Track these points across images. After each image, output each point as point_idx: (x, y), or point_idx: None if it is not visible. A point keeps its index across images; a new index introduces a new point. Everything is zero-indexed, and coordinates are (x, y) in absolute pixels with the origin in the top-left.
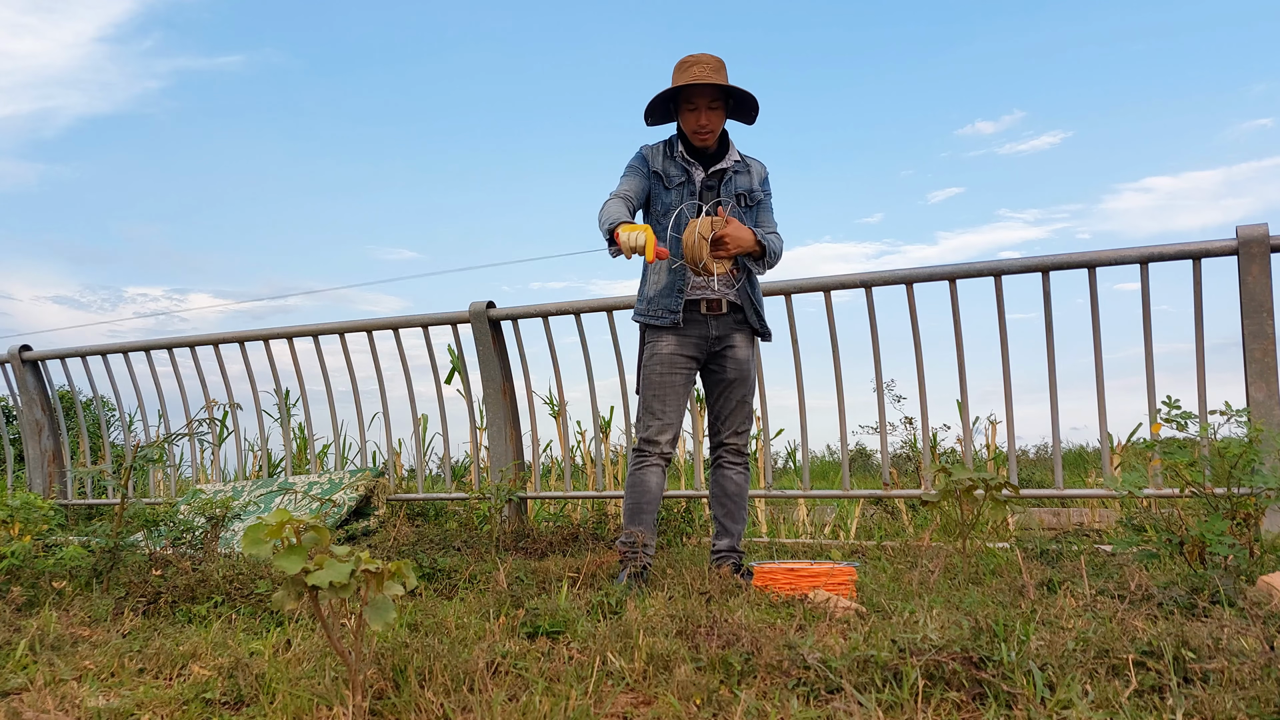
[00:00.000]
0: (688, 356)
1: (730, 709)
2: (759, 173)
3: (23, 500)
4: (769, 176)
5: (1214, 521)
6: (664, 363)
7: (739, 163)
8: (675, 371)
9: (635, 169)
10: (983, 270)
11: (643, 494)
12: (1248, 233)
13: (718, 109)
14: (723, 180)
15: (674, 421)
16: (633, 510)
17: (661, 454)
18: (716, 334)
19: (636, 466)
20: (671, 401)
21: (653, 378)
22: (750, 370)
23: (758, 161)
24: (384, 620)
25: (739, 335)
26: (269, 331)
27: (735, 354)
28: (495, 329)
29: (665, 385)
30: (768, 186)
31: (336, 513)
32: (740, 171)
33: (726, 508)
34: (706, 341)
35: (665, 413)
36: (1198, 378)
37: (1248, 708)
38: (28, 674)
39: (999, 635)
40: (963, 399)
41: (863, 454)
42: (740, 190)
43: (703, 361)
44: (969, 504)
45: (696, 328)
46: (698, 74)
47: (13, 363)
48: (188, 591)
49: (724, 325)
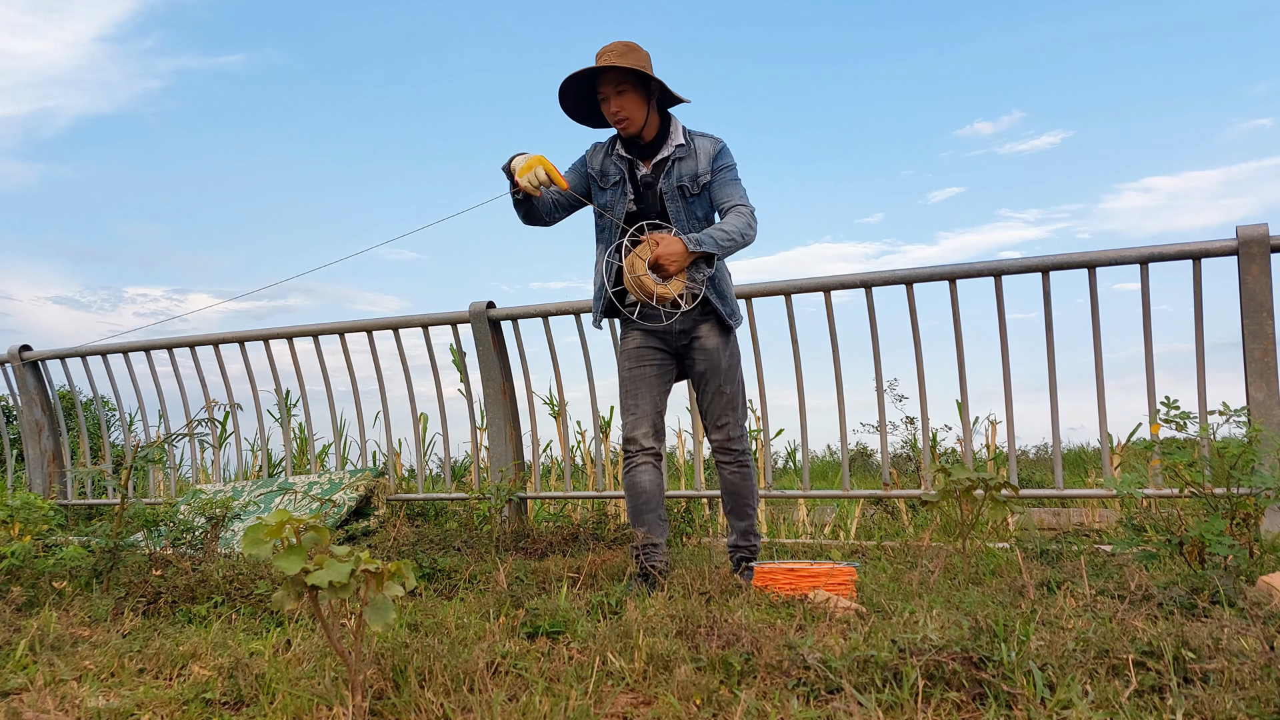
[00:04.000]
0: (653, 348)
1: (730, 709)
2: (707, 152)
3: (23, 500)
4: (726, 148)
5: (1213, 521)
6: (630, 357)
7: (681, 147)
8: (642, 364)
9: (575, 167)
10: (983, 270)
11: (637, 495)
12: (1248, 233)
13: (626, 92)
14: (663, 172)
15: (646, 414)
16: (632, 513)
17: (643, 449)
18: (680, 327)
19: (626, 469)
20: (643, 395)
21: (622, 374)
22: (720, 359)
23: (708, 138)
24: (384, 620)
25: (704, 326)
26: (269, 331)
27: (702, 344)
28: (495, 329)
29: (633, 379)
30: (722, 161)
31: (336, 513)
32: (683, 157)
33: (728, 505)
34: (672, 335)
35: (637, 407)
36: (1198, 378)
37: (1248, 708)
38: (28, 674)
39: (999, 635)
40: (963, 399)
41: (863, 454)
42: (682, 180)
43: (673, 355)
44: (969, 504)
45: (658, 319)
46: (601, 63)
47: (13, 363)
48: (188, 591)
49: (687, 318)
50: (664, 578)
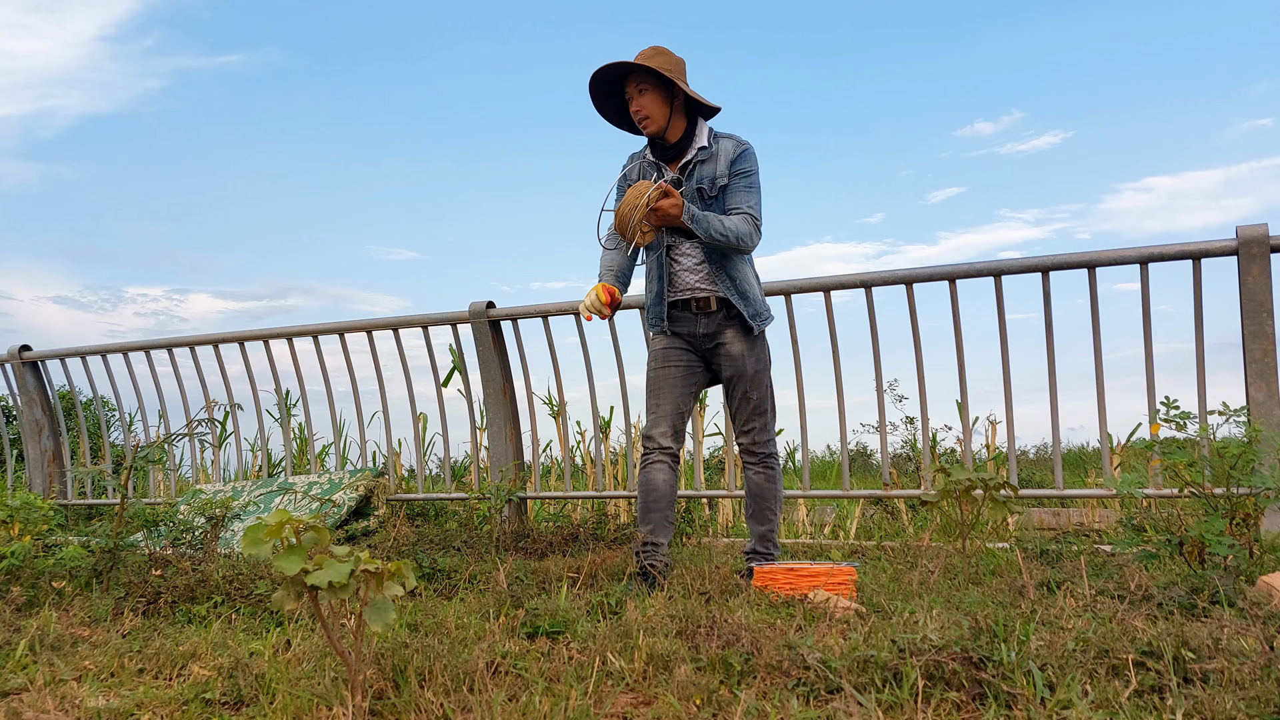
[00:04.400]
0: (680, 350)
1: (730, 709)
2: (727, 154)
3: (23, 500)
4: (748, 152)
5: (1213, 522)
6: (656, 358)
7: (704, 149)
8: (668, 365)
9: (619, 185)
10: (983, 270)
11: (648, 493)
12: (1248, 233)
13: (646, 92)
14: (687, 175)
15: (666, 414)
16: (641, 510)
17: (659, 448)
18: (705, 331)
19: (641, 465)
20: (665, 395)
21: (648, 374)
22: (745, 365)
23: (731, 140)
24: (384, 620)
25: (729, 331)
26: (269, 331)
27: (726, 350)
28: (495, 329)
29: (657, 379)
30: (740, 165)
31: (336, 513)
32: (705, 160)
33: (750, 508)
34: (698, 339)
35: (659, 405)
36: (1198, 378)
37: (1248, 708)
38: (28, 674)
39: (999, 635)
40: (963, 399)
41: (863, 454)
42: (701, 183)
43: (701, 358)
44: (968, 504)
45: (687, 324)
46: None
47: (12, 363)
48: (188, 591)
49: (712, 322)
50: (663, 578)
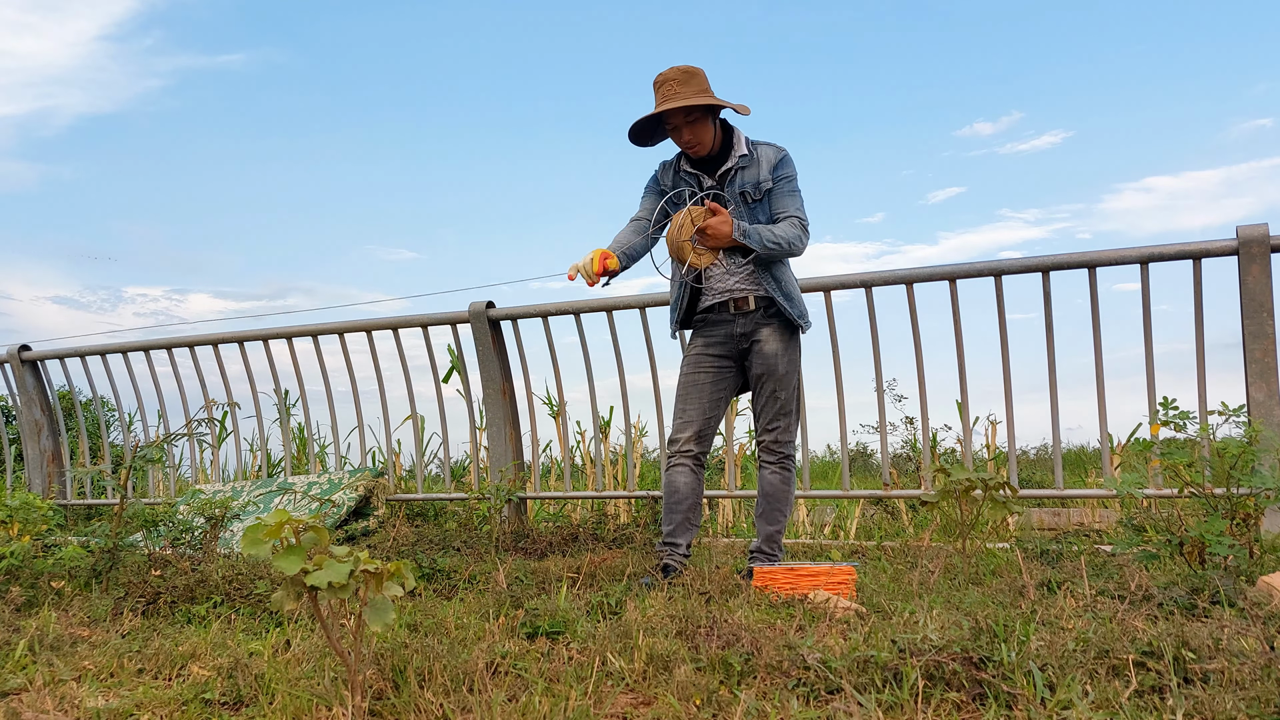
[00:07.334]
0: (715, 355)
1: (730, 709)
2: (769, 160)
3: (22, 500)
4: (788, 157)
5: (1213, 522)
6: (689, 362)
7: (744, 157)
8: (700, 370)
9: (649, 188)
10: (983, 270)
11: (670, 494)
12: (1248, 233)
13: (696, 121)
14: (726, 182)
15: (694, 419)
16: (664, 510)
17: (683, 452)
18: (742, 331)
19: (666, 467)
20: (693, 400)
21: (680, 377)
22: (778, 364)
23: (771, 147)
24: (383, 621)
25: (766, 329)
26: (268, 331)
27: (762, 348)
28: (495, 329)
29: (688, 383)
30: (782, 170)
31: (336, 513)
32: (745, 166)
33: (760, 506)
34: (734, 339)
35: (685, 410)
36: (1198, 378)
37: (1248, 708)
38: (27, 674)
39: (999, 635)
40: (963, 399)
41: (863, 454)
42: (745, 187)
43: (734, 360)
44: (968, 504)
45: (723, 326)
46: (665, 94)
47: (12, 363)
48: (187, 592)
49: (750, 321)
50: (675, 575)
